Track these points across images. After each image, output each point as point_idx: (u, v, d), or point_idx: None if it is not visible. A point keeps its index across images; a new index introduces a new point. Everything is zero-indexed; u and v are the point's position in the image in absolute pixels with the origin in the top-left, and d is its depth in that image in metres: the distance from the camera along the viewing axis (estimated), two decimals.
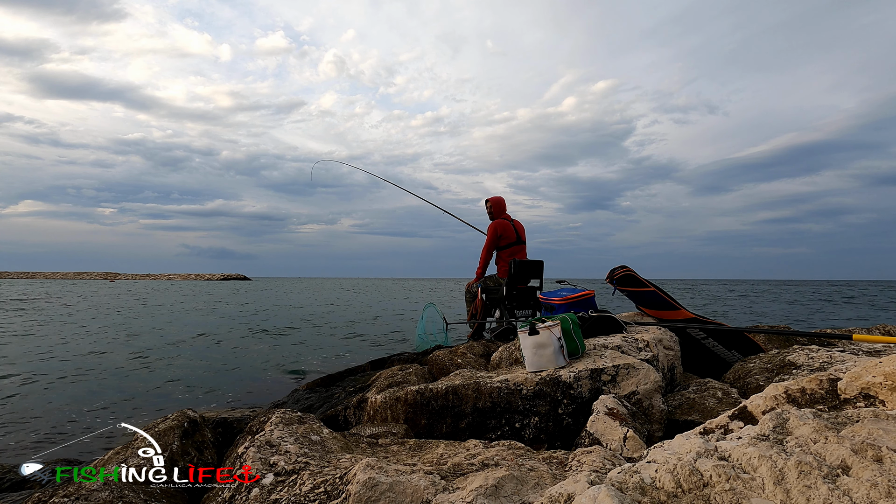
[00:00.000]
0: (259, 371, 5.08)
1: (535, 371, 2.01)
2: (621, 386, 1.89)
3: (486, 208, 4.48)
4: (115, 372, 4.98)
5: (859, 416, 1.06)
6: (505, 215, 4.39)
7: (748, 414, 1.32)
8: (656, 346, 2.34)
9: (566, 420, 1.84)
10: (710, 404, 1.92)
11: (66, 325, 9.60)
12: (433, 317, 4.70)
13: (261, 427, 1.62)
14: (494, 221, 4.30)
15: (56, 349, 6.41)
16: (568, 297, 3.01)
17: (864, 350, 2.33)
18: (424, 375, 2.84)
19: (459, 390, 1.95)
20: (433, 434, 1.93)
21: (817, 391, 1.32)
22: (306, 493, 1.19)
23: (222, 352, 6.43)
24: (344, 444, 1.61)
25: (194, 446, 1.63)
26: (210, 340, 7.59)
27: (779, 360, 2.27)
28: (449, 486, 1.16)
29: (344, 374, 3.63)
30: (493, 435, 1.86)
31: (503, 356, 2.58)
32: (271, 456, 1.38)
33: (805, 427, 1.01)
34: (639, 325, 2.84)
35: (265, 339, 7.84)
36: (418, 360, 3.52)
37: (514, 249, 4.24)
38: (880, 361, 1.24)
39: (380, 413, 2.03)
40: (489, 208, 4.45)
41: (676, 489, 0.89)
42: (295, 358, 5.93)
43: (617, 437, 1.50)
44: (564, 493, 0.93)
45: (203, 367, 5.33)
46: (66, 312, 12.63)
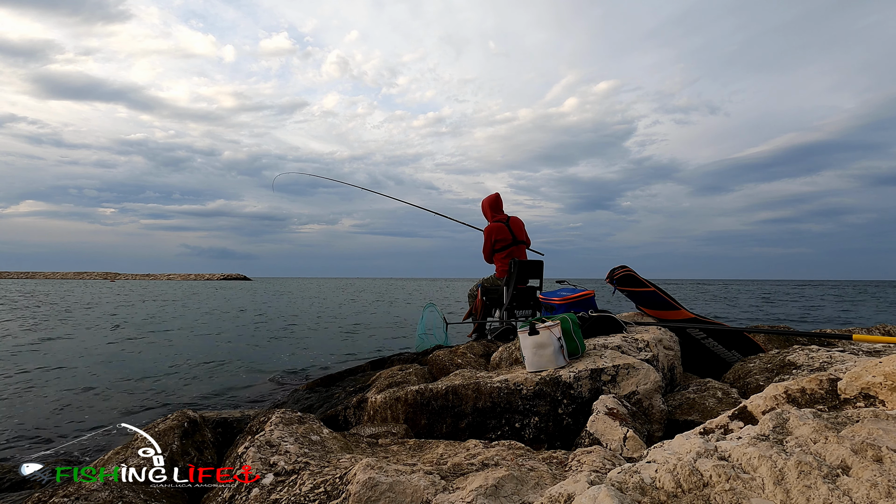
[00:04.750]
0: (259, 371, 5.08)
1: (535, 371, 2.00)
2: (621, 386, 1.89)
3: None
4: (115, 372, 4.98)
5: (859, 416, 1.06)
6: (499, 216, 4.30)
7: (748, 414, 1.32)
8: (656, 346, 2.34)
9: (566, 420, 1.84)
10: (710, 404, 1.92)
11: (66, 325, 9.60)
12: (433, 317, 4.70)
13: (261, 427, 1.62)
14: (488, 225, 4.26)
15: (56, 349, 6.41)
16: (568, 297, 3.01)
17: (864, 350, 2.33)
18: (424, 375, 2.84)
19: (459, 390, 1.95)
20: (433, 434, 1.92)
21: (817, 391, 1.32)
22: (306, 493, 1.19)
23: (222, 352, 6.43)
24: (344, 444, 1.61)
25: (194, 446, 1.63)
26: (210, 340, 7.59)
27: (779, 360, 2.27)
28: (449, 486, 1.16)
29: (344, 374, 3.63)
30: (493, 435, 1.86)
31: (503, 356, 2.58)
32: (271, 456, 1.38)
33: (805, 427, 1.01)
34: (639, 325, 2.84)
35: (265, 339, 7.84)
36: (418, 360, 3.52)
37: (511, 250, 4.20)
38: (880, 361, 1.24)
39: (380, 413, 2.03)
40: (483, 211, 4.42)
41: (676, 489, 0.89)
42: (295, 358, 5.93)
43: (617, 437, 1.50)
44: (564, 493, 0.93)
45: (203, 367, 5.33)
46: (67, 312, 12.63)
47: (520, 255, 4.25)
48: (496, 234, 4.18)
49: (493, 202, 4.33)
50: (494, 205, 4.33)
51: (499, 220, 4.27)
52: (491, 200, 4.33)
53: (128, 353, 6.16)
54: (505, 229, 4.21)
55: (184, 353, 6.22)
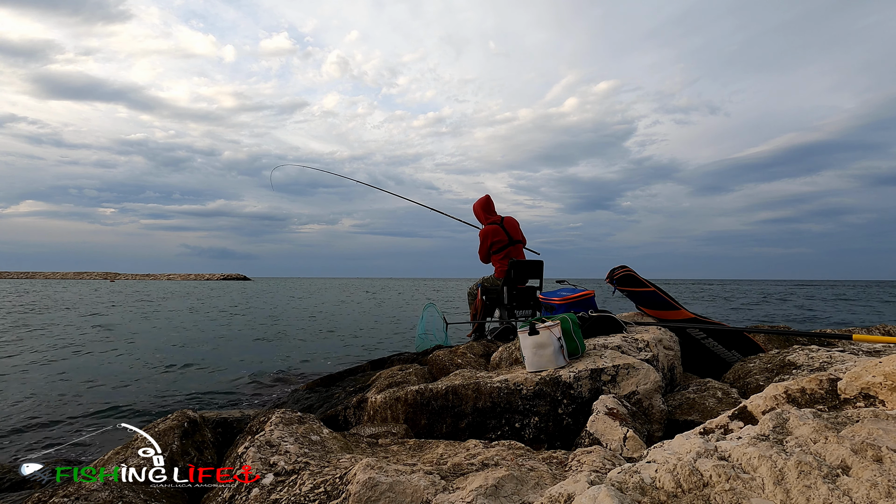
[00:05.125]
0: (259, 371, 5.08)
1: (535, 371, 2.00)
2: (621, 386, 1.89)
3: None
4: (115, 372, 4.98)
5: (859, 416, 1.06)
6: (492, 217, 4.29)
7: (748, 414, 1.32)
8: (656, 346, 2.34)
9: (566, 420, 1.84)
10: (710, 404, 1.92)
11: (66, 325, 9.59)
12: (433, 317, 4.70)
13: (261, 427, 1.62)
14: (483, 228, 4.25)
15: (56, 349, 6.41)
16: (568, 297, 3.01)
17: (864, 350, 2.33)
18: (424, 375, 2.84)
19: (459, 390, 1.95)
20: (433, 434, 1.92)
21: (817, 391, 1.32)
22: (306, 493, 1.19)
23: (222, 351, 6.43)
24: (344, 444, 1.61)
25: (194, 446, 1.63)
26: (209, 340, 7.59)
27: (779, 360, 2.27)
28: (449, 486, 1.16)
29: (344, 374, 3.63)
30: (493, 435, 1.86)
31: (503, 356, 2.58)
32: (271, 456, 1.38)
33: (805, 427, 1.01)
34: (639, 325, 2.84)
35: (265, 338, 7.84)
36: (418, 360, 3.51)
37: (509, 250, 4.20)
38: (880, 361, 1.24)
39: (380, 413, 2.03)
40: (476, 214, 4.39)
41: (676, 489, 0.89)
42: (294, 358, 5.93)
43: (617, 437, 1.50)
44: (564, 493, 0.93)
45: (203, 366, 5.33)
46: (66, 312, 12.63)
47: (517, 254, 4.25)
48: (492, 237, 4.17)
49: (485, 204, 4.32)
50: (486, 206, 4.33)
51: (493, 221, 4.26)
52: (482, 203, 4.32)
53: (128, 353, 6.16)
54: (500, 230, 4.20)
55: (183, 353, 6.22)
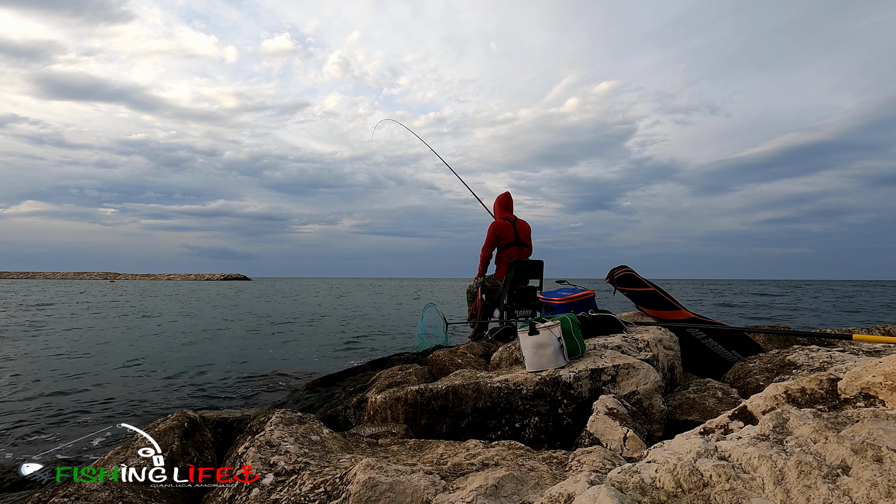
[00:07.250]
0: (259, 371, 5.08)
1: (535, 371, 2.00)
2: (621, 386, 1.89)
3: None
4: (115, 372, 4.98)
5: (859, 416, 1.06)
6: (507, 215, 4.31)
7: (748, 414, 1.32)
8: (656, 346, 2.34)
9: (566, 420, 1.84)
10: (710, 404, 1.92)
11: (66, 324, 9.60)
12: (433, 317, 4.70)
13: (261, 427, 1.62)
14: (494, 222, 4.26)
15: (55, 349, 6.41)
16: (568, 297, 3.01)
17: (864, 350, 2.32)
18: (424, 375, 2.84)
19: (459, 390, 1.95)
20: (433, 434, 1.92)
21: (817, 391, 1.32)
22: (306, 493, 1.19)
23: (222, 352, 6.43)
24: (344, 444, 1.61)
25: (194, 446, 1.63)
26: (209, 340, 7.59)
27: (779, 360, 2.26)
28: (449, 486, 1.16)
29: (344, 374, 3.62)
30: (493, 435, 1.86)
31: (503, 356, 2.58)
32: (271, 456, 1.38)
33: (805, 427, 1.01)
34: (639, 325, 2.84)
35: (264, 339, 7.84)
36: (418, 360, 3.51)
37: (512, 251, 4.20)
38: (880, 361, 1.24)
39: (380, 413, 2.03)
40: (493, 207, 4.45)
41: (676, 489, 0.89)
42: (294, 358, 5.93)
43: (617, 437, 1.50)
44: (564, 493, 0.93)
45: (203, 366, 5.33)
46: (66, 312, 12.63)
47: (519, 257, 4.25)
48: (500, 231, 4.18)
49: (504, 201, 4.36)
50: (505, 204, 4.36)
51: (506, 218, 4.27)
52: (502, 199, 4.37)
53: (127, 353, 6.15)
54: (510, 228, 4.20)
55: (183, 353, 6.22)
